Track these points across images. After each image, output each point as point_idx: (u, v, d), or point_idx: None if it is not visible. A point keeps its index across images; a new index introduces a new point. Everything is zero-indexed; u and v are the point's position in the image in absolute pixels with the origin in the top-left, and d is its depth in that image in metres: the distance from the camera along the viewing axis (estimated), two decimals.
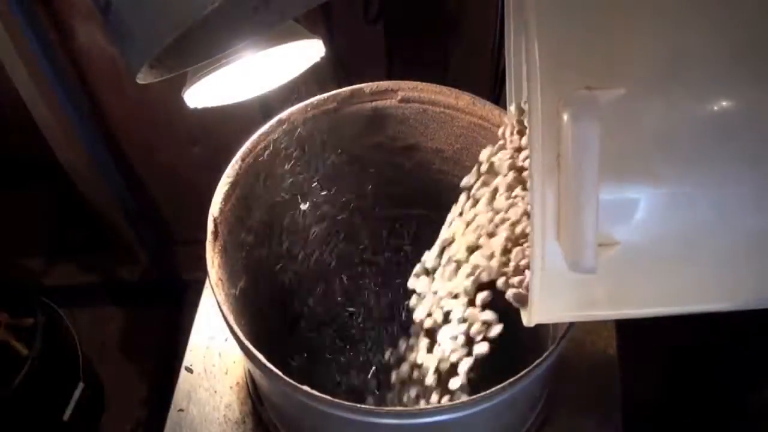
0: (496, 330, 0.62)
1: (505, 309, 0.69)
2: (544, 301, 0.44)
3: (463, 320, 0.64)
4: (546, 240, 0.40)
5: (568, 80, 0.38)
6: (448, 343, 0.66)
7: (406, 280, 0.78)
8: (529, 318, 0.47)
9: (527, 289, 0.54)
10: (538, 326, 0.77)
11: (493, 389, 0.56)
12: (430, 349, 0.70)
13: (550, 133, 0.38)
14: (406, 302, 0.75)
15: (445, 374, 0.67)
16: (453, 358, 0.65)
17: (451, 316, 0.66)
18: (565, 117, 0.37)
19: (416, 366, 0.72)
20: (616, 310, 0.46)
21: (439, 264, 0.67)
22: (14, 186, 1.31)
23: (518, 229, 0.57)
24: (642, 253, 0.41)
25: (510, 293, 0.55)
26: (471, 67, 1.09)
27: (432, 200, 0.83)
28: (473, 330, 0.63)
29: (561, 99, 0.38)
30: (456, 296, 0.65)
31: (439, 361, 0.67)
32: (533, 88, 0.39)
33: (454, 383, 0.64)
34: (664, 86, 0.39)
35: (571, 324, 0.59)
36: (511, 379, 0.56)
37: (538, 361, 0.57)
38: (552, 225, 0.40)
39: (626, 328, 0.84)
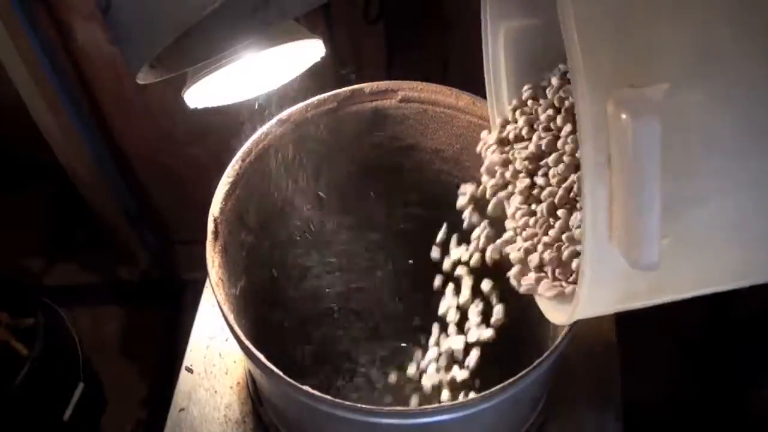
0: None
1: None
2: (588, 299, 0.44)
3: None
4: (598, 241, 0.41)
5: (613, 79, 0.39)
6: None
7: (407, 278, 0.78)
8: (570, 316, 0.47)
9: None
10: (539, 326, 0.77)
11: (494, 389, 0.56)
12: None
13: (598, 133, 0.38)
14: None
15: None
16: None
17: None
18: (624, 116, 0.37)
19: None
20: (653, 300, 0.46)
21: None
22: (14, 186, 1.31)
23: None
24: (688, 243, 0.42)
25: (548, 291, 0.55)
26: (471, 67, 1.09)
27: (432, 200, 0.83)
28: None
29: (610, 99, 0.38)
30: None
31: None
32: (579, 90, 0.39)
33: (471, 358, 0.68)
34: (703, 76, 0.40)
35: (572, 324, 0.59)
36: (512, 379, 0.56)
37: (538, 361, 0.57)
38: (604, 224, 0.40)
39: (627, 326, 0.84)
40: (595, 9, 0.39)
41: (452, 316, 0.72)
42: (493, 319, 0.69)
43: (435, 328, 0.75)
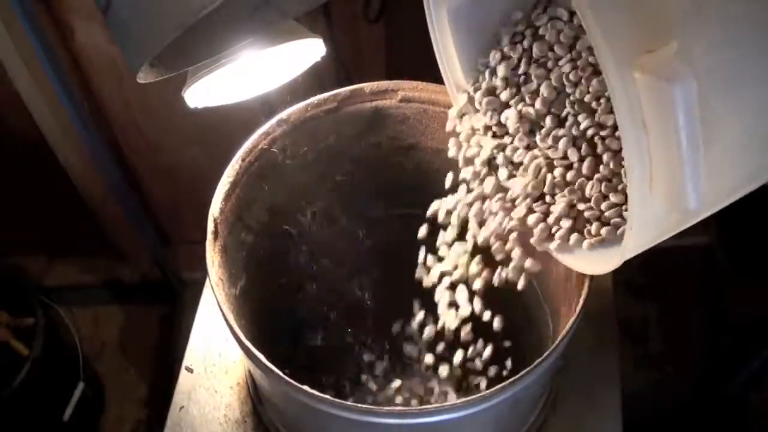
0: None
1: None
2: (633, 247, 0.48)
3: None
4: (642, 197, 0.44)
5: (633, 49, 0.41)
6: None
7: (407, 279, 0.78)
8: (617, 262, 0.51)
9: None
10: (539, 326, 0.77)
11: (494, 389, 0.56)
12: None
13: (631, 101, 0.41)
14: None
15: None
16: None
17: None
18: (659, 85, 0.40)
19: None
20: (680, 229, 0.49)
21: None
22: (14, 186, 1.31)
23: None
24: (709, 174, 0.44)
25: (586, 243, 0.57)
26: None
27: (432, 200, 0.83)
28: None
29: (636, 68, 0.41)
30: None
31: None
32: (606, 66, 0.41)
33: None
34: (703, 24, 0.43)
35: (572, 324, 0.59)
36: (512, 379, 0.56)
37: (538, 361, 0.57)
38: (647, 181, 0.44)
39: (628, 327, 0.84)
40: None
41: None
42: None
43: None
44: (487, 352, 0.75)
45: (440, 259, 0.72)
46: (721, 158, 0.45)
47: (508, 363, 0.81)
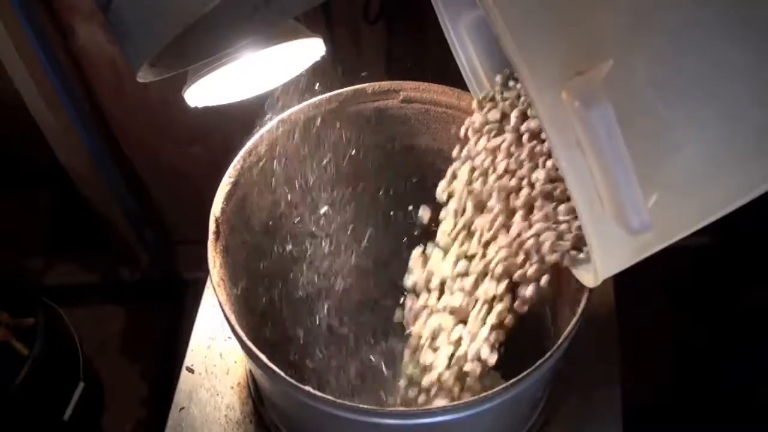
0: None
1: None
2: (604, 263, 0.48)
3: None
4: (593, 214, 0.43)
5: (560, 72, 0.40)
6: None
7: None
8: (595, 280, 0.52)
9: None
10: (540, 327, 0.77)
11: (496, 389, 0.56)
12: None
13: (562, 125, 0.40)
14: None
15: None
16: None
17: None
18: (579, 110, 0.39)
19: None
20: (667, 243, 0.49)
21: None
22: (14, 186, 1.31)
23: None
24: (675, 188, 0.44)
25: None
26: None
27: (433, 201, 0.83)
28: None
29: (563, 90, 0.40)
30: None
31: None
32: (531, 93, 0.40)
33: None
34: (644, 38, 0.41)
35: (573, 325, 0.59)
36: (513, 380, 0.56)
37: (540, 362, 0.57)
38: (595, 199, 0.43)
39: (629, 327, 0.84)
40: (524, 12, 0.40)
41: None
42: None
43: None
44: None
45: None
46: (689, 169, 0.44)
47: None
